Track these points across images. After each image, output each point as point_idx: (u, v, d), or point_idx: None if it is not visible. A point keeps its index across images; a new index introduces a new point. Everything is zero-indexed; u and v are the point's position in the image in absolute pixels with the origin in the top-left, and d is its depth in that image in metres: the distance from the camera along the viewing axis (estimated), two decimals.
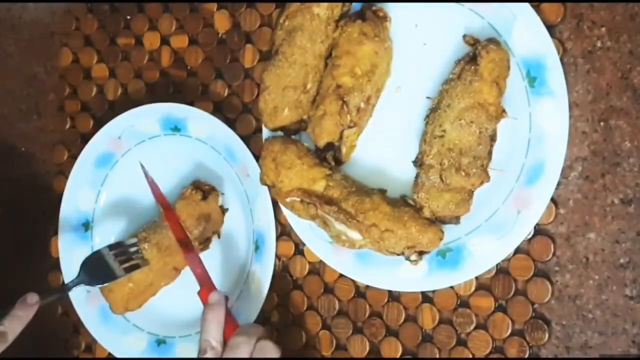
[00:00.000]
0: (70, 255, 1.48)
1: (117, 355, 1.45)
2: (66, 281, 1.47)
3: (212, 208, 1.36)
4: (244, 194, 1.37)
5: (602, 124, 1.17)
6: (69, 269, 1.48)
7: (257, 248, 1.35)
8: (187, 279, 1.39)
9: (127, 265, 1.35)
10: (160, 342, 1.43)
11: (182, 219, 1.35)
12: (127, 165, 1.47)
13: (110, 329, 1.45)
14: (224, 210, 1.39)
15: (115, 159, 1.47)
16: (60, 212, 1.49)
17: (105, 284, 1.37)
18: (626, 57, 1.16)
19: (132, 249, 1.37)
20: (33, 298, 1.24)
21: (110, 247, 1.37)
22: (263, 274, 1.33)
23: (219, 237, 1.40)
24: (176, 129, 1.42)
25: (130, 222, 1.48)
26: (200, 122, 1.38)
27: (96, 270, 1.35)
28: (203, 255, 1.36)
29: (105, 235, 1.49)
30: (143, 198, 1.47)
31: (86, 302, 1.47)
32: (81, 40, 1.57)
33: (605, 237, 1.17)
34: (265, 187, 1.29)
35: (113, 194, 1.49)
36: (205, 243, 1.38)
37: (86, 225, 1.50)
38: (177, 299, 1.43)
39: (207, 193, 1.36)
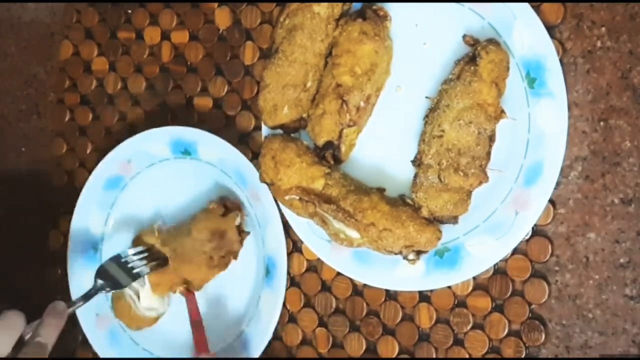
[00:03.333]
0: (80, 277, 1.47)
1: None
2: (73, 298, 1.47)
3: (229, 225, 1.34)
4: (254, 218, 1.36)
5: (602, 123, 1.17)
6: (78, 290, 1.46)
7: (267, 272, 1.35)
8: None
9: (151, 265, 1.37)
10: None
11: (199, 231, 1.34)
12: (137, 187, 1.47)
13: (120, 352, 1.45)
14: (242, 233, 1.37)
15: (124, 181, 1.47)
16: (70, 234, 1.48)
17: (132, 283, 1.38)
18: (626, 57, 1.16)
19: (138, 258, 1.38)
20: (61, 305, 1.19)
21: (115, 258, 1.37)
22: (274, 299, 1.33)
23: (234, 258, 1.37)
24: (186, 152, 1.41)
25: None
26: (210, 145, 1.37)
27: (109, 278, 1.35)
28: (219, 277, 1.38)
29: None
30: (152, 220, 1.46)
31: (95, 326, 1.47)
32: (82, 33, 1.56)
33: (605, 236, 1.17)
34: (277, 212, 1.30)
35: (122, 217, 1.49)
36: (220, 264, 1.36)
37: (95, 248, 1.49)
38: (185, 322, 1.41)
39: (228, 210, 1.35)
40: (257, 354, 1.34)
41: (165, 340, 1.44)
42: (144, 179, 1.46)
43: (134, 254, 1.37)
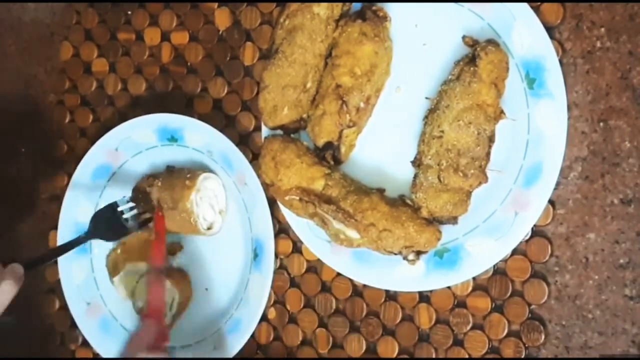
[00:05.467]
0: (70, 268, 1.47)
1: None
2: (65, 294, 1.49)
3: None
4: (242, 202, 1.37)
5: (601, 124, 1.17)
6: (69, 282, 1.48)
7: (255, 256, 1.35)
8: None
9: (141, 219, 1.39)
10: None
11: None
12: (125, 176, 1.47)
13: (112, 340, 1.45)
14: None
15: (112, 170, 1.47)
16: (59, 224, 1.48)
17: (120, 239, 1.40)
18: (626, 57, 1.16)
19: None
20: (18, 269, 1.18)
21: (120, 202, 1.39)
22: (262, 282, 1.34)
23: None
24: (173, 139, 1.41)
25: None
26: (197, 131, 1.38)
27: (107, 224, 1.37)
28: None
29: (103, 247, 1.47)
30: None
31: (86, 316, 1.47)
32: (82, 35, 1.56)
33: (605, 237, 1.17)
34: (264, 196, 1.30)
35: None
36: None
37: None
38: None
39: None
40: (246, 338, 1.34)
41: None
42: (131, 168, 1.46)
43: (129, 208, 1.39)
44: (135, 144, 1.44)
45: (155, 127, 1.41)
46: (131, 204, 1.38)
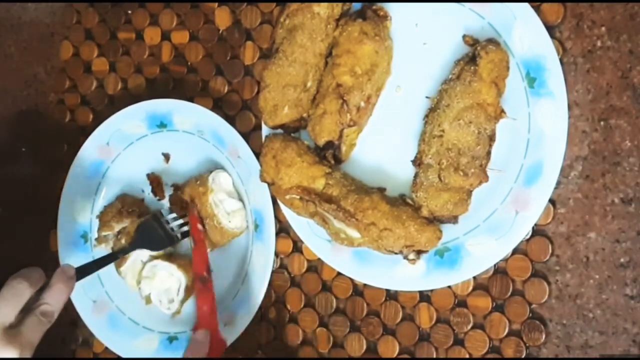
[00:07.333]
0: None
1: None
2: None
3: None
4: (237, 176, 1.37)
5: (602, 123, 1.17)
6: None
7: (256, 227, 1.35)
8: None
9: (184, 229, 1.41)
10: (172, 339, 1.43)
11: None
12: (119, 170, 1.48)
13: (121, 335, 1.46)
14: None
15: (105, 166, 1.48)
16: (58, 227, 1.49)
17: (162, 250, 1.40)
18: (626, 56, 1.16)
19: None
20: (70, 269, 1.20)
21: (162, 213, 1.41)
22: (265, 251, 1.34)
23: None
24: (162, 125, 1.42)
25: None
26: (185, 113, 1.38)
27: (150, 236, 1.39)
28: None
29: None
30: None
31: (93, 313, 1.47)
32: (82, 34, 1.57)
33: (606, 236, 1.17)
34: (257, 165, 1.30)
35: (107, 202, 1.49)
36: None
37: (85, 237, 1.50)
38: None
39: None
40: (254, 310, 1.34)
41: (164, 317, 1.44)
42: (124, 161, 1.47)
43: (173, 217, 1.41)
44: (126, 136, 1.45)
45: (143, 116, 1.42)
46: (174, 214, 1.41)
